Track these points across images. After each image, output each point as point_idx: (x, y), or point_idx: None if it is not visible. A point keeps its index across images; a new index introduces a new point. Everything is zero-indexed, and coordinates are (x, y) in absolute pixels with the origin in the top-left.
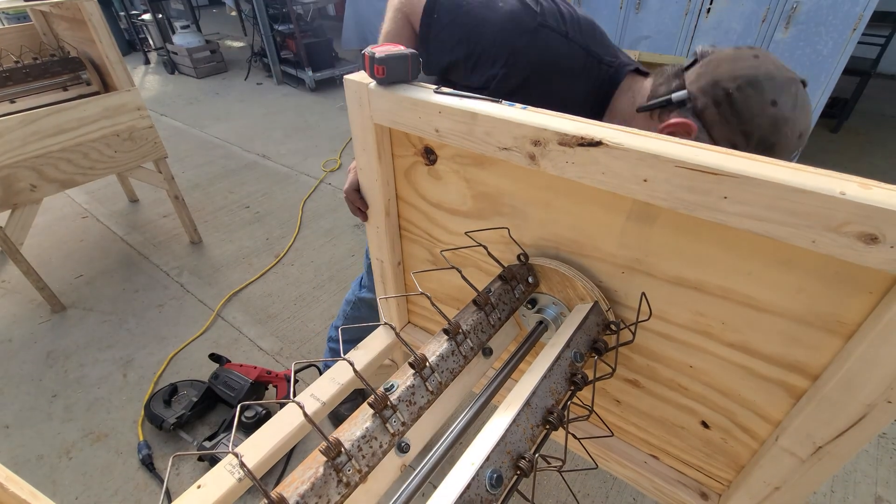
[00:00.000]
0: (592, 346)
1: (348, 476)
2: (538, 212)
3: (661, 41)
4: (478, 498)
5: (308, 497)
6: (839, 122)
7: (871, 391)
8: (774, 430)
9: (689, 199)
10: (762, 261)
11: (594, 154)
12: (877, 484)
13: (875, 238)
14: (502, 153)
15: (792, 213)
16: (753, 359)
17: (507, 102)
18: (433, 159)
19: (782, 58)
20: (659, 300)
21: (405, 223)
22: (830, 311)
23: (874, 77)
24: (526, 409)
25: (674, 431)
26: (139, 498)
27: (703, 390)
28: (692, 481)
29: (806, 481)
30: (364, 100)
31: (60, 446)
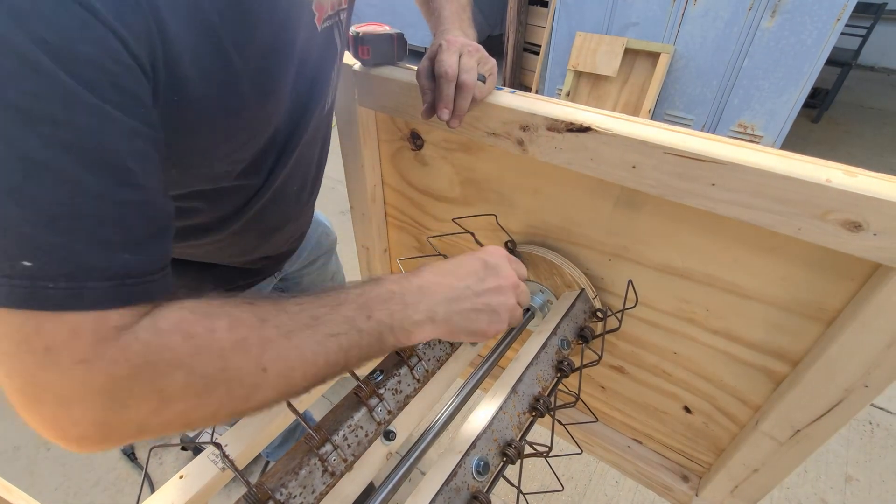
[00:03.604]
0: (579, 334)
1: (333, 466)
2: (526, 198)
3: (648, 28)
4: (464, 485)
5: (293, 488)
6: (820, 112)
7: (850, 376)
8: (755, 414)
9: (678, 185)
10: (747, 248)
11: (583, 140)
12: (847, 464)
13: (859, 225)
14: (490, 139)
15: (778, 200)
16: (736, 345)
17: (498, 87)
18: (420, 144)
19: (767, 47)
20: (645, 287)
21: (391, 209)
22: (812, 298)
23: (855, 68)
24: (513, 397)
25: (657, 416)
26: (121, 488)
27: (687, 376)
28: (674, 464)
29: (783, 463)
30: (348, 82)
31: (38, 437)
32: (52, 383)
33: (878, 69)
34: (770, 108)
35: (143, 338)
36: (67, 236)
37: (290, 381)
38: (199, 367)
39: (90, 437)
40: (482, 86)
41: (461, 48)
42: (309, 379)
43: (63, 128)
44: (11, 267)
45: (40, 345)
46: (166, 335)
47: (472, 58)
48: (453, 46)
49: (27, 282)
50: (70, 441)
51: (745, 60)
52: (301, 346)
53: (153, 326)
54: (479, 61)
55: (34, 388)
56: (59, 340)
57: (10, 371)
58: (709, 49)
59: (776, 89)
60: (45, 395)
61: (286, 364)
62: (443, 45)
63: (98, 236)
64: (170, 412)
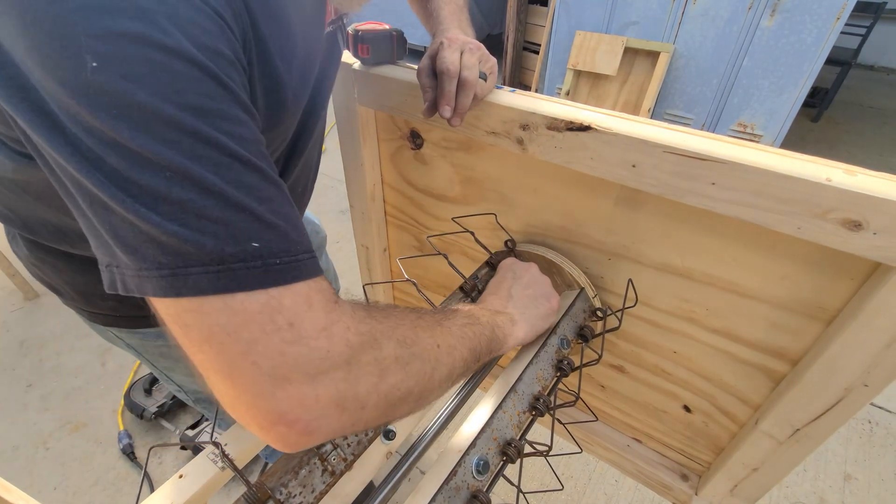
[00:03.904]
0: (579, 333)
1: (333, 465)
2: (526, 198)
3: (648, 27)
4: (464, 484)
5: (292, 487)
6: (819, 111)
7: (850, 375)
8: (754, 413)
9: (678, 184)
10: (747, 247)
11: (583, 139)
12: (846, 463)
13: (859, 224)
14: (490, 137)
15: (779, 199)
16: (736, 344)
17: (498, 85)
18: (419, 143)
19: (767, 46)
20: (645, 286)
21: (391, 209)
22: (812, 297)
23: (854, 67)
24: (512, 396)
25: (656, 415)
26: (120, 487)
27: (687, 375)
28: (673, 463)
29: (783, 462)
30: (348, 81)
31: (37, 437)
32: (300, 358)
33: (877, 68)
34: (770, 107)
35: (350, 306)
36: (274, 216)
37: (454, 360)
38: (400, 337)
39: (327, 418)
40: (484, 84)
41: (463, 45)
42: (459, 363)
43: (232, 123)
44: (243, 251)
45: (284, 321)
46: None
47: (473, 55)
48: (455, 44)
49: (259, 262)
50: (304, 427)
51: (745, 59)
52: (451, 330)
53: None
54: (480, 59)
55: (284, 368)
56: (300, 312)
57: (257, 358)
58: (708, 48)
59: (776, 88)
60: (293, 373)
61: (448, 343)
62: (444, 43)
63: (290, 215)
64: (385, 385)
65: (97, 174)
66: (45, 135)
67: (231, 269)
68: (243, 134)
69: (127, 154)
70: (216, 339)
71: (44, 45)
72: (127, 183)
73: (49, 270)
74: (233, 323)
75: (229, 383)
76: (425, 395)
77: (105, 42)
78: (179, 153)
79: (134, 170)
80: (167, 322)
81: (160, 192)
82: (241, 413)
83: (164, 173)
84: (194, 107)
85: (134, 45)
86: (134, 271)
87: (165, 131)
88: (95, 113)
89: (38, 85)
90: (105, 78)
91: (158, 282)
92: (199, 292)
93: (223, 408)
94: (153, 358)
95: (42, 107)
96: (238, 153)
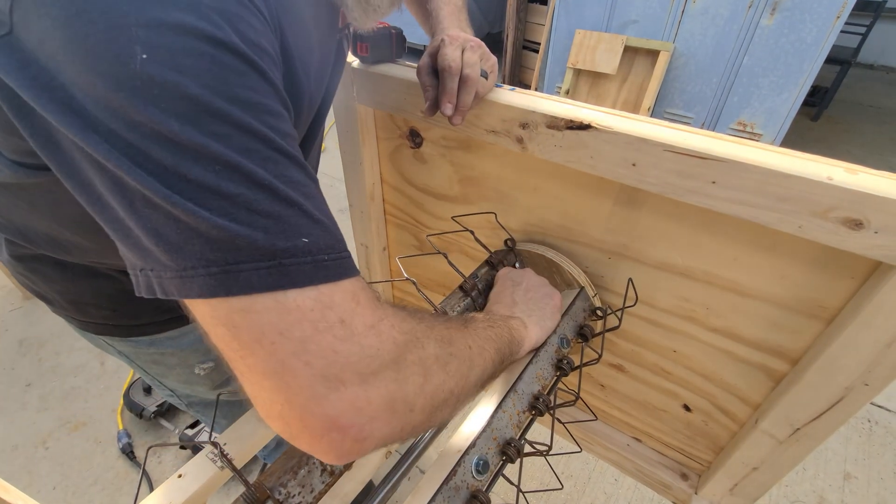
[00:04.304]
0: (579, 332)
1: (332, 465)
2: (525, 197)
3: (648, 26)
4: (464, 484)
5: (291, 487)
6: (819, 110)
7: (850, 374)
8: (754, 412)
9: (678, 183)
10: (747, 246)
11: (583, 137)
12: (846, 461)
13: (860, 223)
14: (490, 136)
15: (779, 198)
16: (736, 343)
17: (497, 84)
18: (418, 142)
19: (767, 45)
20: (645, 285)
21: (390, 208)
22: (812, 296)
23: (854, 66)
24: (512, 395)
25: (656, 415)
26: (120, 486)
27: (686, 374)
28: (673, 462)
29: (783, 462)
30: (347, 80)
31: (36, 436)
32: (352, 356)
33: (877, 67)
34: (769, 106)
35: (391, 305)
36: (319, 212)
37: (485, 360)
38: (437, 337)
39: (378, 422)
40: (485, 81)
41: (464, 43)
42: (489, 365)
43: (276, 118)
44: (294, 246)
45: (335, 318)
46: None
47: (475, 53)
48: (456, 42)
49: (309, 258)
50: (357, 433)
51: (745, 58)
52: (477, 332)
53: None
54: (481, 57)
55: (336, 368)
56: (349, 309)
57: (310, 358)
58: (708, 47)
59: (776, 87)
60: (345, 372)
61: (478, 343)
62: (445, 41)
63: (329, 213)
64: (430, 386)
65: (138, 170)
66: (79, 133)
67: (283, 264)
68: (286, 130)
69: (174, 148)
70: (267, 339)
71: (88, 35)
72: (173, 178)
73: (39, 279)
74: (285, 321)
75: (280, 388)
76: (463, 398)
77: (157, 33)
78: (229, 147)
79: (182, 164)
80: (211, 326)
81: (209, 186)
82: (292, 421)
83: (214, 167)
84: (243, 100)
85: (185, 37)
86: (175, 272)
87: (215, 124)
88: (142, 106)
89: (69, 82)
90: (156, 69)
91: (206, 280)
92: (251, 290)
93: (268, 421)
94: (145, 365)
95: (70, 104)
96: (284, 148)
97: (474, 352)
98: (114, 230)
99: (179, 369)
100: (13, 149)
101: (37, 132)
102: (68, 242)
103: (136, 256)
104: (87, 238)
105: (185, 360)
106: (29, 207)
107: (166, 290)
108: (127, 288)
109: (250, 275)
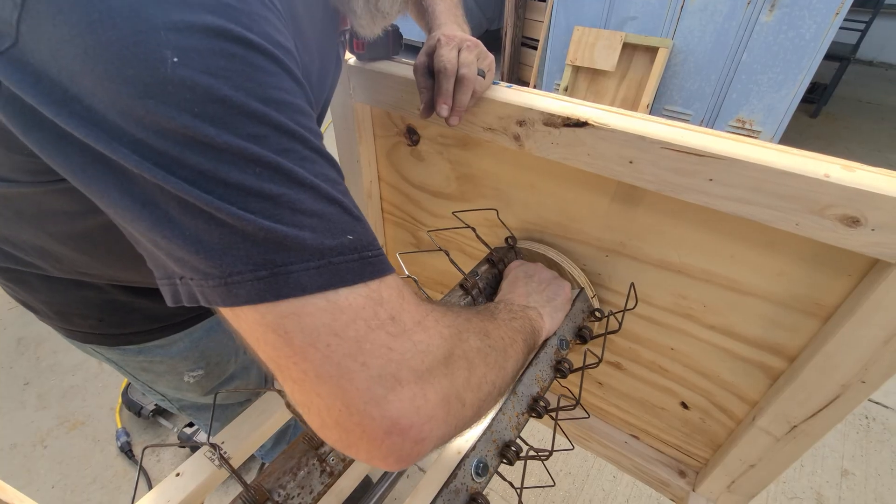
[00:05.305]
0: (577, 334)
1: (332, 465)
2: (522, 194)
3: (647, 22)
4: (464, 487)
5: (290, 489)
6: (818, 107)
7: (847, 372)
8: (751, 410)
9: (675, 181)
10: (745, 244)
11: (579, 135)
12: (843, 458)
13: (857, 220)
14: (487, 134)
15: (776, 195)
16: (733, 341)
17: (494, 81)
18: (416, 140)
19: (766, 42)
20: (642, 283)
21: (388, 206)
22: (809, 293)
23: (853, 63)
24: (512, 397)
25: (654, 412)
26: (118, 485)
27: (684, 372)
28: (671, 460)
29: (780, 459)
30: (344, 77)
31: (35, 435)
32: (406, 353)
33: (876, 64)
34: (768, 102)
35: (429, 300)
36: (356, 209)
37: (517, 351)
38: (475, 329)
39: (436, 421)
40: (482, 81)
41: (460, 43)
42: (520, 354)
43: (307, 118)
44: (341, 244)
45: (386, 314)
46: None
47: (471, 52)
48: (452, 41)
49: (355, 254)
50: (417, 433)
51: (744, 55)
52: (505, 323)
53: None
54: (478, 56)
55: (392, 366)
56: (397, 306)
57: (367, 358)
58: (707, 43)
59: (774, 84)
60: (402, 371)
61: (508, 335)
62: (441, 40)
63: (360, 210)
64: (475, 379)
65: (173, 178)
66: (106, 146)
67: (332, 263)
68: (315, 129)
69: (212, 153)
70: (322, 341)
71: (112, 42)
72: (212, 183)
73: (23, 289)
74: (339, 321)
75: (337, 392)
76: (503, 390)
77: (187, 36)
78: (267, 148)
79: (221, 168)
80: (260, 333)
81: (251, 189)
82: (351, 427)
83: (254, 169)
84: (277, 101)
85: (216, 40)
86: (219, 280)
87: (251, 126)
88: (173, 112)
89: (87, 92)
90: (187, 73)
91: (254, 285)
92: (302, 291)
93: (323, 431)
94: (134, 372)
95: (90, 117)
96: (319, 147)
97: (507, 342)
98: (146, 242)
99: (169, 377)
100: (9, 167)
101: (48, 147)
102: (56, 253)
103: (171, 265)
104: (73, 250)
105: (174, 367)
106: (15, 217)
107: (209, 299)
108: (113, 297)
109: (300, 275)
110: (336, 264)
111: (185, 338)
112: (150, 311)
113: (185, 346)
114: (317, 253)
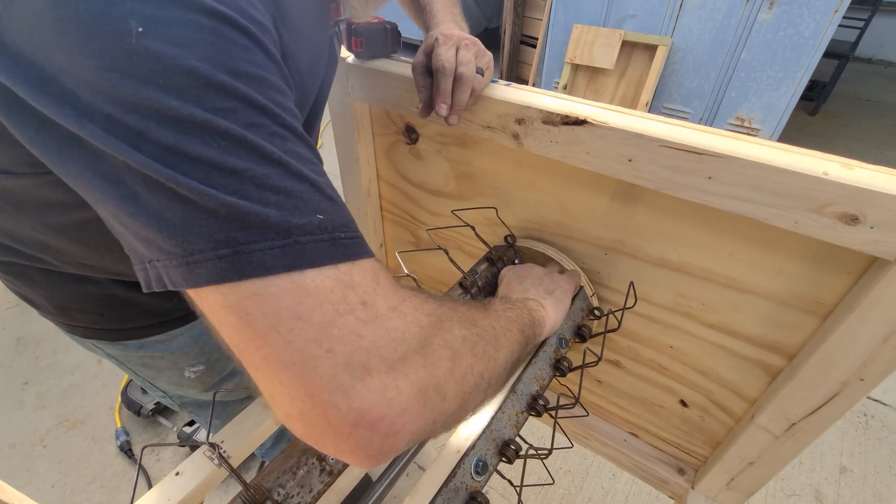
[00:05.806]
0: (577, 332)
1: (332, 464)
2: (522, 193)
3: (646, 20)
4: (463, 485)
5: (290, 488)
6: (817, 105)
7: (846, 369)
8: (750, 407)
9: (674, 179)
10: (744, 242)
11: (578, 133)
12: (842, 455)
13: (856, 218)
14: (485, 132)
15: (775, 193)
16: (732, 339)
17: (493, 79)
18: (414, 138)
19: (765, 39)
20: (641, 282)
21: (387, 204)
22: (808, 291)
23: (852, 60)
24: (511, 396)
25: (653, 410)
26: (118, 484)
27: (683, 370)
28: (670, 458)
29: (779, 456)
30: (342, 75)
31: (34, 434)
32: (378, 341)
33: (875, 61)
34: (767, 100)
35: (410, 287)
36: (331, 189)
37: (511, 341)
38: (460, 318)
39: (410, 414)
40: (480, 79)
41: (458, 41)
42: (515, 346)
43: (281, 94)
44: (309, 223)
45: (357, 299)
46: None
47: (469, 51)
48: (450, 40)
49: (325, 234)
50: (388, 427)
51: (743, 53)
52: (499, 314)
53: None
54: (476, 55)
55: (362, 354)
56: (370, 290)
57: (333, 344)
58: (706, 41)
59: (773, 82)
60: (372, 359)
61: (501, 324)
62: (439, 39)
63: (336, 193)
64: (459, 370)
65: (137, 154)
66: (75, 123)
67: (298, 242)
68: (291, 107)
69: (175, 125)
70: (285, 325)
71: (82, 13)
72: (175, 157)
73: (24, 284)
74: (304, 304)
75: (300, 380)
76: (493, 382)
77: (154, 6)
78: (234, 121)
79: (184, 142)
80: (221, 315)
81: (215, 163)
82: (315, 419)
83: (219, 142)
84: (247, 74)
85: (184, 10)
86: (181, 259)
87: (218, 99)
88: (138, 83)
89: (60, 69)
90: (152, 43)
91: (215, 264)
92: (266, 271)
93: (287, 423)
94: (135, 367)
95: (63, 95)
96: (291, 125)
97: (499, 332)
98: (116, 224)
99: (169, 372)
100: (9, 159)
101: (28, 132)
102: (56, 245)
103: (141, 248)
104: (72, 242)
105: (174, 363)
106: (16, 210)
107: (173, 280)
108: (114, 292)
109: (264, 254)
110: (303, 244)
111: (186, 333)
112: (150, 306)
113: (185, 341)
114: (282, 231)
